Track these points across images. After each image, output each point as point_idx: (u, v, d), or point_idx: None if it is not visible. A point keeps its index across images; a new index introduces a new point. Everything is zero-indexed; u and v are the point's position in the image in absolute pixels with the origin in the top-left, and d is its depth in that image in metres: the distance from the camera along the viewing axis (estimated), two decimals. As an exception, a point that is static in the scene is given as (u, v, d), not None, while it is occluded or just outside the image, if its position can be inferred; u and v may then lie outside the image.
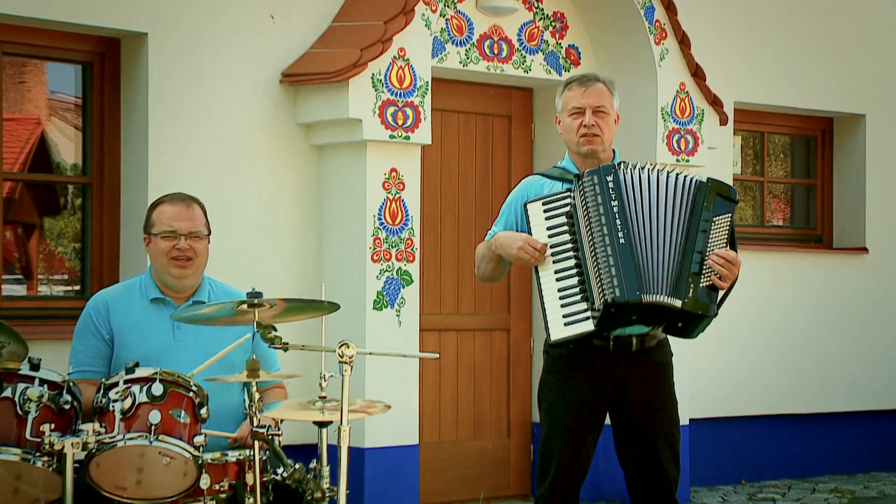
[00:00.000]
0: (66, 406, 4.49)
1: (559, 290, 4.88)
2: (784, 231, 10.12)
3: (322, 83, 7.23)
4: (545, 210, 4.98)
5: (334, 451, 4.47)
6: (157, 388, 4.52)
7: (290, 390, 5.34)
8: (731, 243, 4.96)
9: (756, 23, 9.42)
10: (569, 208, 4.94)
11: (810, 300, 9.72)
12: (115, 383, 4.56)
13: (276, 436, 4.61)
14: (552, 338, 4.89)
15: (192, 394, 4.59)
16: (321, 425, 4.68)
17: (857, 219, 10.03)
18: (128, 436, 4.43)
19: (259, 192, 7.33)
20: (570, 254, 4.90)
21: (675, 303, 4.82)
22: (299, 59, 7.41)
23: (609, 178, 4.89)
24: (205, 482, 4.50)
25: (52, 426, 4.37)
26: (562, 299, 4.87)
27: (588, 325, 4.83)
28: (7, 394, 4.43)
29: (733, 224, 4.98)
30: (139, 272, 5.50)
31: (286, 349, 4.57)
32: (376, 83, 7.23)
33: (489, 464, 8.44)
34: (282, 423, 4.68)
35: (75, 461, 4.37)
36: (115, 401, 4.50)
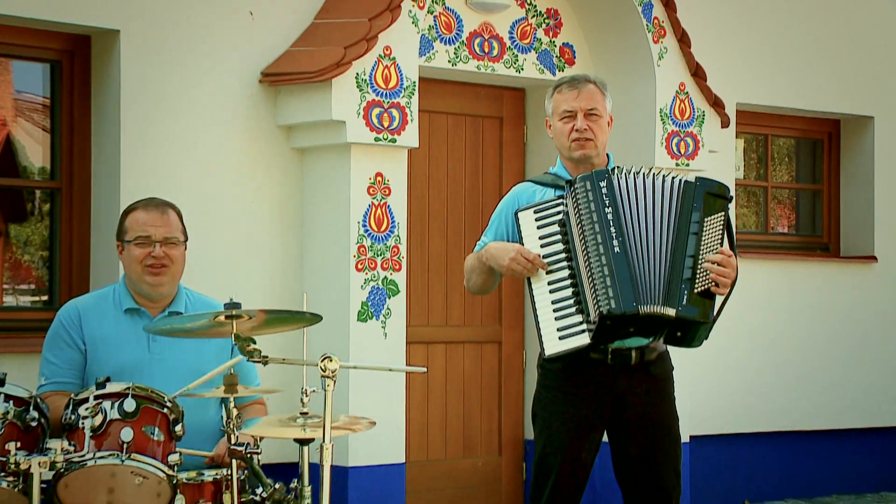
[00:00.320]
0: (33, 423, 4.51)
1: (553, 302, 4.88)
2: (789, 239, 10.11)
3: (304, 83, 7.20)
4: (537, 218, 4.98)
5: (316, 471, 4.45)
6: (130, 404, 4.53)
7: (270, 406, 5.37)
8: (729, 243, 4.93)
9: (758, 21, 9.43)
10: (561, 216, 4.93)
11: (816, 311, 9.71)
12: (86, 399, 4.56)
13: (256, 454, 4.63)
14: (547, 353, 4.88)
15: (166, 410, 4.61)
16: (302, 443, 4.68)
17: (866, 226, 10.03)
18: (98, 454, 4.43)
19: (238, 197, 7.32)
20: (564, 264, 4.89)
21: (669, 311, 4.80)
22: (280, 57, 7.37)
23: (602, 183, 4.88)
24: (179, 503, 4.50)
25: (17, 444, 4.37)
26: (556, 312, 4.87)
27: (584, 339, 4.82)
28: (-30, 410, 4.48)
29: (729, 223, 4.95)
30: (111, 282, 5.53)
31: (266, 363, 4.58)
32: (361, 83, 7.21)
33: (480, 483, 8.41)
34: (261, 441, 4.73)
35: (42, 481, 4.37)
36: (84, 417, 4.51)
